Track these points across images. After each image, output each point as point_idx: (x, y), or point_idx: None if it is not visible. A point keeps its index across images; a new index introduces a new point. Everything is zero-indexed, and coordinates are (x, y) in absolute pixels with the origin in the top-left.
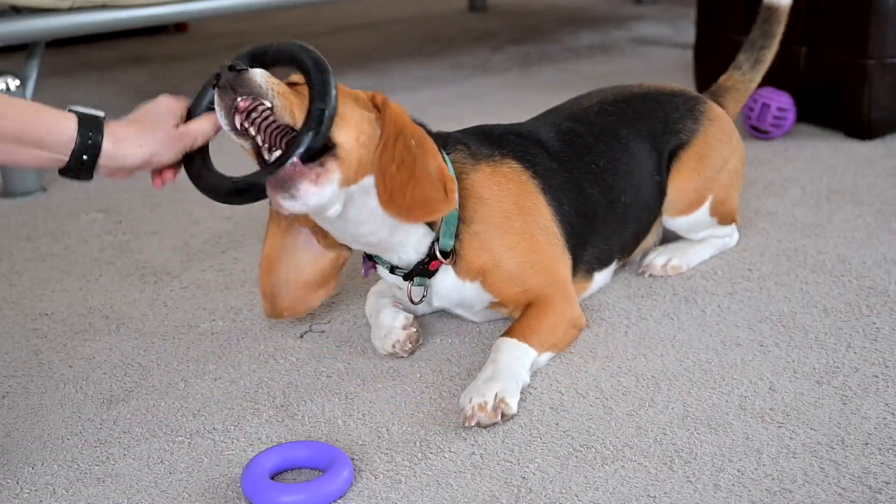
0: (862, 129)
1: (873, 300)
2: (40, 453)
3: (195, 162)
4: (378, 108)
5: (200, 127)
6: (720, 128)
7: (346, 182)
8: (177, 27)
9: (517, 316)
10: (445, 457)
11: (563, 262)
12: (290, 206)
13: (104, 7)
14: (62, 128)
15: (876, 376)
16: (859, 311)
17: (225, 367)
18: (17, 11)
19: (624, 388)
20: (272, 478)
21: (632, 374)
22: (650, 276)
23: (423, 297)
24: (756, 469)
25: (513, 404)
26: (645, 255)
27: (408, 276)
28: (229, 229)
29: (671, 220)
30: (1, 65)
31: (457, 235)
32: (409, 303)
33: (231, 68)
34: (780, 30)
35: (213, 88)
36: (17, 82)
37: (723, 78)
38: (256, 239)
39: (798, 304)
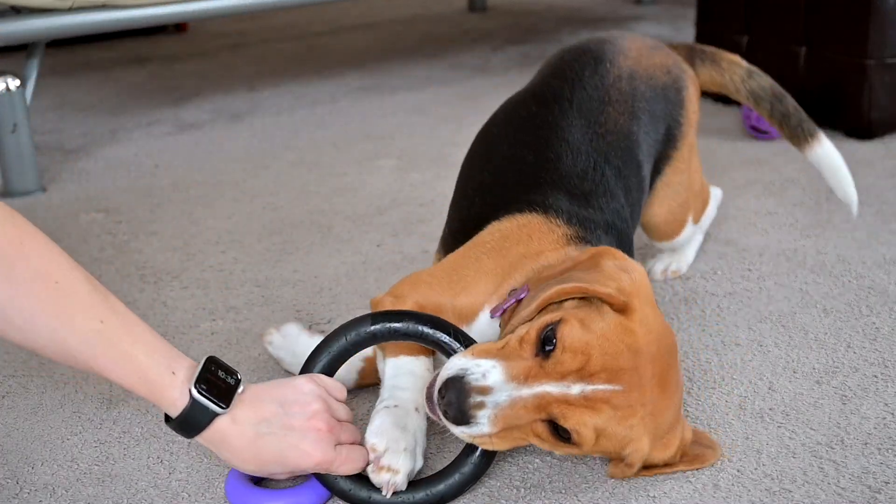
0: (862, 129)
1: (873, 300)
2: (40, 453)
3: None
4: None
5: (351, 460)
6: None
7: None
8: (177, 27)
9: None
10: (445, 457)
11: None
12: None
13: (104, 7)
14: (168, 397)
15: (875, 376)
16: (859, 311)
17: None
18: (17, 11)
19: None
20: (257, 483)
21: None
22: None
23: None
24: (756, 469)
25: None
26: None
27: None
28: (229, 229)
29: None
30: (1, 65)
31: None
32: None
33: (459, 415)
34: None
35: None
36: (17, 82)
37: (724, 58)
38: (256, 239)
39: (798, 304)
